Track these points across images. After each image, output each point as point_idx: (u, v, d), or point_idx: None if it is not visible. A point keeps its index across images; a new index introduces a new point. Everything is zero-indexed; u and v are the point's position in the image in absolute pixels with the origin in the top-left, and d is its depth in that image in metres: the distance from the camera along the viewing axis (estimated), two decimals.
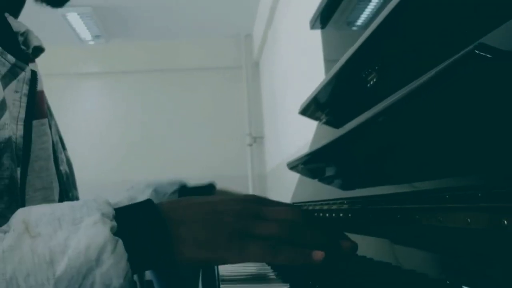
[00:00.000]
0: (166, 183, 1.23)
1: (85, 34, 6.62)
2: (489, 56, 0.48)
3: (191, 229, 0.70)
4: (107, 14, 6.14)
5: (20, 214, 0.67)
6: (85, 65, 7.28)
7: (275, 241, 0.70)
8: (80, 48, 7.15)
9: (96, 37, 6.77)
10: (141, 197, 1.08)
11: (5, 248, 0.62)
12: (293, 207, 0.81)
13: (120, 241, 0.64)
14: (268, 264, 1.03)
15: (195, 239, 0.69)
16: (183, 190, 1.18)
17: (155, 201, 0.72)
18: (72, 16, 5.98)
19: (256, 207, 0.75)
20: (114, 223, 0.66)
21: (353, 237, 0.85)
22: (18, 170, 0.87)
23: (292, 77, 4.43)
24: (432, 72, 0.57)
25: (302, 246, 0.71)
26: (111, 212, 0.68)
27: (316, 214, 1.21)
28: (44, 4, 0.97)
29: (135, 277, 0.71)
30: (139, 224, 0.68)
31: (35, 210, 0.67)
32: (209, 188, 1.22)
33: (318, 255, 0.69)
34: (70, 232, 0.64)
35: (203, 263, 0.71)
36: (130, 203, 0.74)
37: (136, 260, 0.65)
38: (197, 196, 0.80)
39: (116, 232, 0.65)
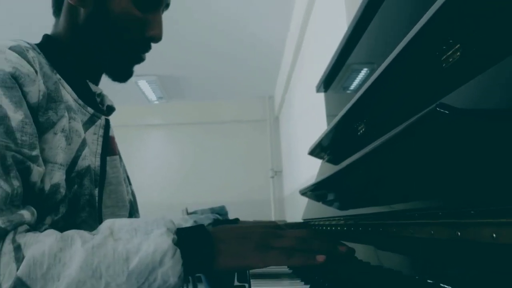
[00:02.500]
0: (204, 217, 1.23)
1: (151, 96, 6.71)
2: (447, 112, 0.48)
3: (229, 246, 0.70)
4: (168, 81, 6.23)
5: (107, 223, 0.69)
6: (151, 119, 7.34)
7: (289, 249, 0.71)
8: (147, 106, 7.23)
9: (159, 98, 6.85)
10: (185, 225, 1.09)
11: (94, 245, 0.63)
12: (303, 228, 0.81)
13: (178, 250, 0.65)
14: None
15: (231, 252, 0.69)
16: (216, 222, 1.18)
17: None
18: (142, 83, 6.08)
19: (275, 229, 0.76)
20: (175, 236, 0.67)
21: (347, 244, 0.84)
22: (96, 191, 0.89)
23: (302, 127, 4.42)
24: (405, 124, 0.57)
25: (309, 253, 0.71)
26: (174, 228, 0.69)
27: (321, 228, 1.20)
28: (113, 80, 0.99)
29: None
30: (192, 240, 0.69)
31: (118, 221, 0.69)
32: (235, 221, 1.22)
33: (321, 258, 0.69)
34: (142, 239, 0.65)
35: (237, 269, 0.71)
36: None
37: (188, 265, 0.66)
38: (236, 224, 0.82)
39: (176, 243, 0.66)
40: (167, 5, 0.99)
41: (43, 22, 1.32)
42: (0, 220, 0.62)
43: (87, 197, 0.85)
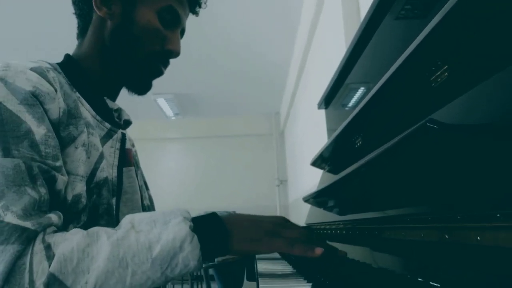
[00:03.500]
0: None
1: (169, 112, 6.74)
2: (436, 126, 0.48)
3: (241, 231, 0.71)
4: (183, 99, 6.26)
5: (127, 218, 0.69)
6: (168, 133, 7.38)
7: (293, 239, 0.71)
8: (165, 121, 7.27)
9: (176, 114, 6.88)
10: None
11: (119, 237, 0.64)
12: (306, 228, 0.81)
13: (196, 236, 0.66)
14: (290, 263, 1.02)
15: (243, 237, 0.70)
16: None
17: None
18: (160, 100, 6.12)
19: (283, 222, 0.76)
20: (192, 224, 0.68)
21: (345, 246, 0.84)
22: (114, 200, 0.88)
23: (305, 141, 4.42)
24: (398, 137, 0.58)
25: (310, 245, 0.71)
26: (189, 217, 0.69)
27: (322, 231, 1.20)
28: (133, 93, 0.98)
29: (202, 271, 0.72)
30: (208, 226, 0.69)
31: (138, 215, 0.70)
32: None
33: (319, 250, 0.70)
34: (162, 229, 0.66)
35: (248, 252, 0.71)
36: None
37: (205, 249, 0.66)
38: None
39: (193, 230, 0.67)
40: (183, 30, 1.00)
41: (64, 43, 1.33)
42: (30, 223, 0.62)
43: (105, 206, 0.84)
